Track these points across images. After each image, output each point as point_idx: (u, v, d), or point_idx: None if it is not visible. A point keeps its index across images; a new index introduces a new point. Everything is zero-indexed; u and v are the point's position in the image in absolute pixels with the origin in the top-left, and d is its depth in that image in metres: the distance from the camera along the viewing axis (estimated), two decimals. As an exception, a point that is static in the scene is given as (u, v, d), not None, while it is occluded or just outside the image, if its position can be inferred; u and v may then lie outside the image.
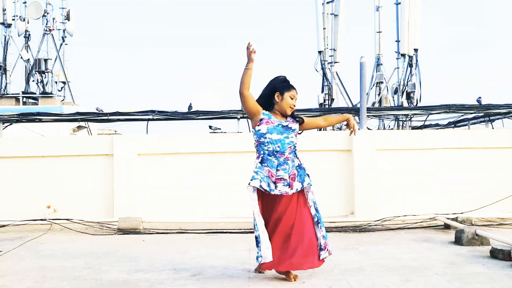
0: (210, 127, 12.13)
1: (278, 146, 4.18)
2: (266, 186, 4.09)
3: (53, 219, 6.99)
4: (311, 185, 4.32)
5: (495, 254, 4.84)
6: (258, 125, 4.20)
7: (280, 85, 4.29)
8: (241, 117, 10.07)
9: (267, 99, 4.29)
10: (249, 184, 4.10)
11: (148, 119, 10.44)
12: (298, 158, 4.31)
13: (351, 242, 5.81)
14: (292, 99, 4.27)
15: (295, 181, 4.18)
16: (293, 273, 4.13)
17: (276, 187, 4.12)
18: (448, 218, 6.61)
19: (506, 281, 4.03)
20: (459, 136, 7.85)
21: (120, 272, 4.51)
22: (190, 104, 11.20)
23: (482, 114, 10.90)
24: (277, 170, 4.13)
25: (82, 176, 7.47)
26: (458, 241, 5.58)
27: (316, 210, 4.29)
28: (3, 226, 6.93)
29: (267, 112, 4.26)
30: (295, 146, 4.29)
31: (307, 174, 4.31)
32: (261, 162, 4.19)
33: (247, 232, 6.36)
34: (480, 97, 13.02)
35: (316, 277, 4.26)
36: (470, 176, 7.49)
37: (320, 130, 11.29)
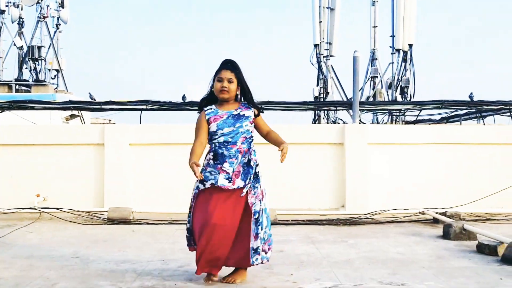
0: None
1: (231, 137, 3.82)
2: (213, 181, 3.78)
3: (42, 208, 6.96)
4: (256, 187, 3.84)
5: (482, 249, 4.86)
6: (209, 126, 3.86)
7: (215, 73, 3.90)
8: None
9: (212, 93, 3.93)
10: (204, 186, 3.80)
11: (142, 109, 10.39)
12: (251, 152, 3.89)
13: (340, 235, 5.83)
14: (220, 81, 3.83)
15: (238, 178, 3.78)
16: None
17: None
18: (437, 213, 6.65)
19: (491, 276, 4.06)
20: (450, 131, 7.87)
21: (108, 262, 4.51)
22: (184, 95, 11.16)
23: (474, 110, 10.93)
24: (224, 162, 3.79)
25: (72, 165, 7.43)
26: (446, 235, 5.61)
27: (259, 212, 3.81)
28: (-8, 214, 6.91)
29: (211, 109, 3.89)
30: (251, 137, 3.92)
31: (257, 174, 3.87)
32: (214, 159, 3.84)
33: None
34: (472, 94, 13.06)
35: (304, 269, 4.27)
36: (460, 171, 7.52)
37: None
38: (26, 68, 21.89)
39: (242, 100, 3.99)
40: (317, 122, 17.39)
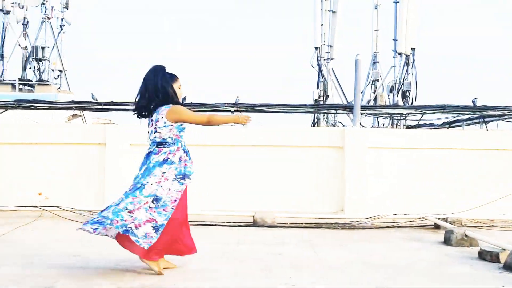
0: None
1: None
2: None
3: (44, 206, 6.98)
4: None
5: (483, 255, 4.84)
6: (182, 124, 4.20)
7: (171, 78, 4.22)
8: (235, 110, 10.04)
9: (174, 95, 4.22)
10: (189, 180, 4.14)
11: (143, 110, 10.37)
12: None
13: (339, 239, 5.82)
14: (180, 88, 4.26)
15: None
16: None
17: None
18: (438, 218, 6.62)
19: (492, 283, 4.04)
20: (452, 136, 7.85)
21: (108, 261, 4.52)
22: (185, 97, 11.14)
23: (477, 115, 10.89)
24: (190, 158, 4.22)
25: (74, 164, 7.45)
26: (447, 241, 5.59)
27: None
28: (-7, 212, 6.92)
29: None
30: None
31: None
32: (186, 155, 4.17)
33: (237, 226, 6.39)
34: (476, 98, 13.01)
35: (301, 272, 4.28)
36: (462, 177, 7.49)
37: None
38: (30, 68, 21.99)
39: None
40: (316, 125, 17.38)
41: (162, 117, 4.09)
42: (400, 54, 18.57)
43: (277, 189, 7.34)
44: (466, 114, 10.92)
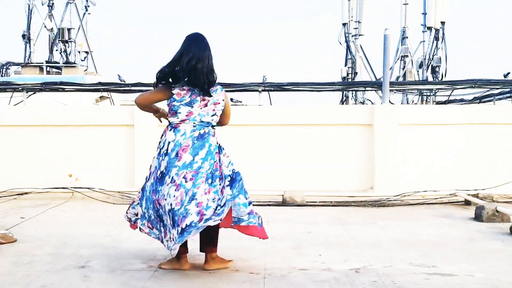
0: (231, 99, 12.11)
1: None
2: None
3: (75, 188, 7.10)
4: None
5: (516, 231, 4.78)
6: None
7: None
8: (262, 90, 10.00)
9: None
10: None
11: (169, 90, 10.41)
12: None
13: (369, 217, 5.80)
14: None
15: None
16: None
17: None
18: (468, 194, 6.54)
19: (525, 259, 3.99)
20: (483, 111, 7.70)
21: (139, 241, 4.56)
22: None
23: (508, 89, 10.65)
24: None
25: (103, 146, 7.54)
26: (478, 217, 5.53)
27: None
28: (26, 193, 7.07)
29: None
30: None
31: None
32: None
33: (267, 205, 6.40)
34: (508, 73, 12.71)
35: (332, 250, 4.27)
36: (493, 152, 7.37)
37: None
38: (56, 50, 22.14)
39: None
40: (345, 103, 17.24)
41: (223, 100, 3.79)
42: (429, 28, 18.14)
43: (306, 168, 7.32)
44: (497, 88, 10.69)
